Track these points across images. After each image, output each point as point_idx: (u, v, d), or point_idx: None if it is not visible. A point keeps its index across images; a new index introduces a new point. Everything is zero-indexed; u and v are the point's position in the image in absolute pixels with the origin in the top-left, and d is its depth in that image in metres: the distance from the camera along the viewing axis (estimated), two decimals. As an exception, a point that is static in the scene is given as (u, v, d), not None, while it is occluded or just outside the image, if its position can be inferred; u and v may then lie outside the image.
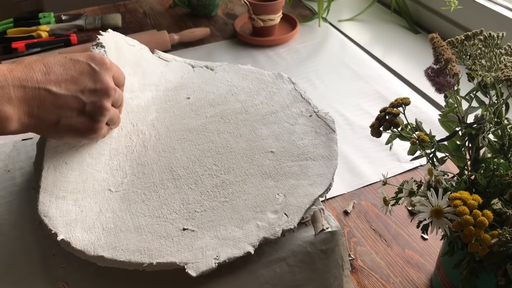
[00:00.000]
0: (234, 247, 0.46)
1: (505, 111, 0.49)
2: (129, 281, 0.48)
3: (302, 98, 0.65)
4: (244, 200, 0.51)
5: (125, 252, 0.46)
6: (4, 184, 0.59)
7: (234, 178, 0.53)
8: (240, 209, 0.50)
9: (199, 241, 0.47)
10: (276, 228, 0.48)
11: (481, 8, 0.98)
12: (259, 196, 0.51)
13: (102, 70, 0.52)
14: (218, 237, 0.47)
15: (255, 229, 0.48)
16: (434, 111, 0.87)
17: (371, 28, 1.16)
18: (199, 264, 0.45)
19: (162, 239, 0.47)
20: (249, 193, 0.52)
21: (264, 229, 0.47)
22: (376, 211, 0.70)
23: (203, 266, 0.44)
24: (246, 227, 0.48)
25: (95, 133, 0.53)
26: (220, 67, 0.71)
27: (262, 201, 0.51)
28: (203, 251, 0.46)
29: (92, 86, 0.51)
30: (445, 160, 0.50)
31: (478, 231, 0.39)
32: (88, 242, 0.46)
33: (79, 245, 0.46)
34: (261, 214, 0.49)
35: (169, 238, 0.47)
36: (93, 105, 0.51)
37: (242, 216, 0.49)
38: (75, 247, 0.46)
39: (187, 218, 0.49)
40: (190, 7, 1.21)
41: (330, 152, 0.56)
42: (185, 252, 0.46)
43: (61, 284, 0.48)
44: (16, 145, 0.64)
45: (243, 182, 0.53)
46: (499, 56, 0.49)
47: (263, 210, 0.50)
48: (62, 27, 1.14)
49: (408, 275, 0.61)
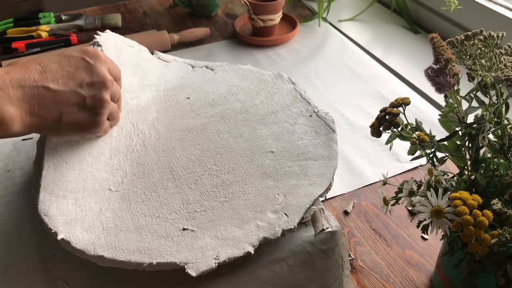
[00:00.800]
0: (234, 247, 0.46)
1: (505, 111, 0.49)
2: (129, 281, 0.48)
3: (302, 98, 0.65)
4: (244, 200, 0.51)
5: (125, 252, 0.46)
6: (4, 184, 0.59)
7: (234, 178, 0.53)
8: (240, 209, 0.50)
9: (199, 241, 0.47)
10: (276, 228, 0.48)
11: (481, 8, 0.98)
12: (259, 196, 0.51)
13: (97, 63, 0.52)
14: (218, 237, 0.47)
15: (255, 229, 0.48)
16: (434, 111, 0.87)
17: (371, 28, 1.16)
18: (199, 264, 0.45)
19: (162, 239, 0.47)
20: (249, 193, 0.52)
21: (264, 229, 0.47)
22: (376, 211, 0.70)
23: (203, 266, 0.44)
24: (246, 227, 0.48)
25: (97, 127, 0.53)
26: (220, 67, 0.71)
27: (262, 201, 0.51)
28: (203, 251, 0.46)
29: (89, 79, 0.51)
30: (445, 160, 0.50)
31: (478, 231, 0.39)
32: (88, 242, 0.46)
33: (79, 245, 0.46)
34: (261, 214, 0.49)
35: (169, 238, 0.47)
36: (93, 98, 0.51)
37: (242, 216, 0.49)
38: (75, 246, 0.46)
39: (187, 218, 0.49)
40: (190, 7, 1.21)
41: (330, 152, 0.56)
42: (185, 252, 0.46)
43: (61, 284, 0.48)
44: (16, 145, 0.64)
45: (243, 182, 0.53)
46: (499, 56, 0.49)
47: (263, 210, 0.50)
48: (62, 27, 1.14)
49: (408, 275, 0.61)
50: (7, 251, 0.51)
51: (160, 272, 0.46)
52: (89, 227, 0.48)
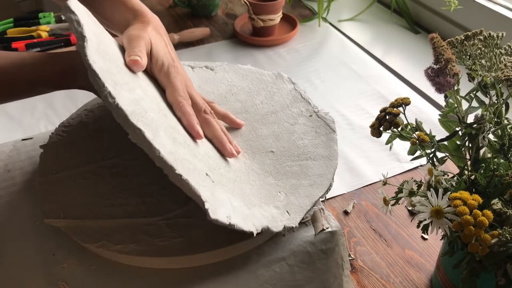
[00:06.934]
0: (242, 219, 0.45)
1: (505, 111, 0.49)
2: (130, 281, 0.47)
3: (302, 98, 0.65)
4: (250, 188, 0.50)
5: (159, 143, 0.42)
6: (4, 184, 0.59)
7: (237, 171, 0.53)
8: (248, 194, 0.49)
9: (217, 194, 0.45)
10: (279, 222, 0.47)
11: (481, 8, 0.98)
12: (263, 189, 0.51)
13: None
14: (231, 203, 0.46)
15: (260, 216, 0.47)
16: (434, 111, 0.87)
17: (371, 28, 1.16)
18: (216, 211, 0.42)
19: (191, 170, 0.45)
20: (253, 184, 0.51)
21: (267, 219, 0.47)
22: (376, 211, 0.70)
23: (219, 216, 0.42)
24: (253, 210, 0.47)
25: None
26: (220, 67, 0.71)
27: (266, 194, 0.50)
28: (220, 204, 0.44)
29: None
30: (445, 160, 0.50)
31: (478, 231, 0.39)
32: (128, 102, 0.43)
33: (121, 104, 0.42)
34: (265, 206, 0.49)
35: (196, 171, 0.45)
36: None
37: (250, 200, 0.48)
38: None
39: (209, 168, 0.48)
40: (190, 7, 1.21)
41: (330, 152, 0.56)
42: (207, 192, 0.44)
43: (61, 284, 0.48)
44: (16, 145, 0.64)
45: (247, 174, 0.52)
46: (499, 56, 0.49)
47: (267, 202, 0.49)
48: (62, 27, 1.14)
49: (408, 275, 0.61)
50: (7, 251, 0.51)
51: (161, 273, 0.46)
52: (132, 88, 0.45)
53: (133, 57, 0.51)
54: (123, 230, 0.49)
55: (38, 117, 0.90)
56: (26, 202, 0.56)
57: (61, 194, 0.53)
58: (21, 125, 0.88)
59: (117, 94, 0.42)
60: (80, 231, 0.49)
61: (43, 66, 0.57)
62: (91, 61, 0.43)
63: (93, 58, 0.43)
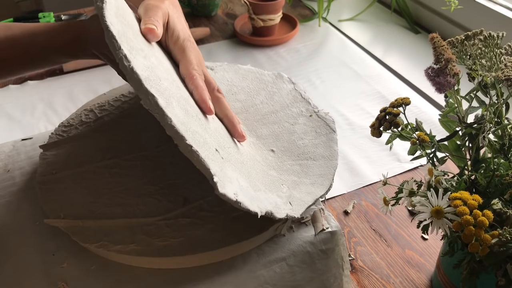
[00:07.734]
0: (248, 199, 0.44)
1: (505, 111, 0.49)
2: (130, 281, 0.47)
3: (302, 98, 0.65)
4: (256, 174, 0.50)
5: (172, 112, 0.42)
6: (4, 184, 0.59)
7: (244, 156, 0.52)
8: (254, 178, 0.49)
9: (226, 171, 0.44)
10: (282, 210, 0.46)
11: (481, 8, 0.98)
12: (267, 178, 0.51)
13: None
14: (239, 182, 0.45)
15: (265, 200, 0.46)
16: (434, 111, 0.87)
17: (371, 28, 1.16)
18: (224, 186, 0.42)
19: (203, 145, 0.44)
20: (258, 172, 0.51)
21: (271, 205, 0.46)
22: (376, 211, 0.70)
23: (227, 191, 0.41)
24: (258, 194, 0.47)
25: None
26: (220, 67, 0.71)
27: (270, 183, 0.50)
28: (229, 180, 0.43)
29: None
30: (445, 160, 0.50)
31: (478, 231, 0.39)
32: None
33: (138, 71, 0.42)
34: (269, 193, 0.48)
35: (206, 145, 0.44)
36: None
37: (256, 184, 0.48)
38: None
39: (219, 145, 0.47)
40: (190, 7, 1.21)
41: (330, 152, 0.56)
42: (217, 167, 0.43)
43: (61, 284, 0.48)
44: (16, 145, 0.64)
45: (252, 162, 0.52)
46: (499, 56, 0.49)
47: (271, 191, 0.49)
48: (62, 27, 1.14)
49: (408, 275, 0.61)
50: (7, 251, 0.51)
51: (160, 272, 0.46)
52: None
53: (149, 25, 0.49)
54: (123, 230, 0.49)
55: (38, 117, 0.90)
56: (26, 202, 0.56)
57: (61, 194, 0.53)
58: (21, 125, 0.88)
59: (132, 58, 0.41)
60: (80, 231, 0.49)
61: (55, 34, 0.59)
62: (108, 22, 0.42)
63: (111, 20, 0.42)
